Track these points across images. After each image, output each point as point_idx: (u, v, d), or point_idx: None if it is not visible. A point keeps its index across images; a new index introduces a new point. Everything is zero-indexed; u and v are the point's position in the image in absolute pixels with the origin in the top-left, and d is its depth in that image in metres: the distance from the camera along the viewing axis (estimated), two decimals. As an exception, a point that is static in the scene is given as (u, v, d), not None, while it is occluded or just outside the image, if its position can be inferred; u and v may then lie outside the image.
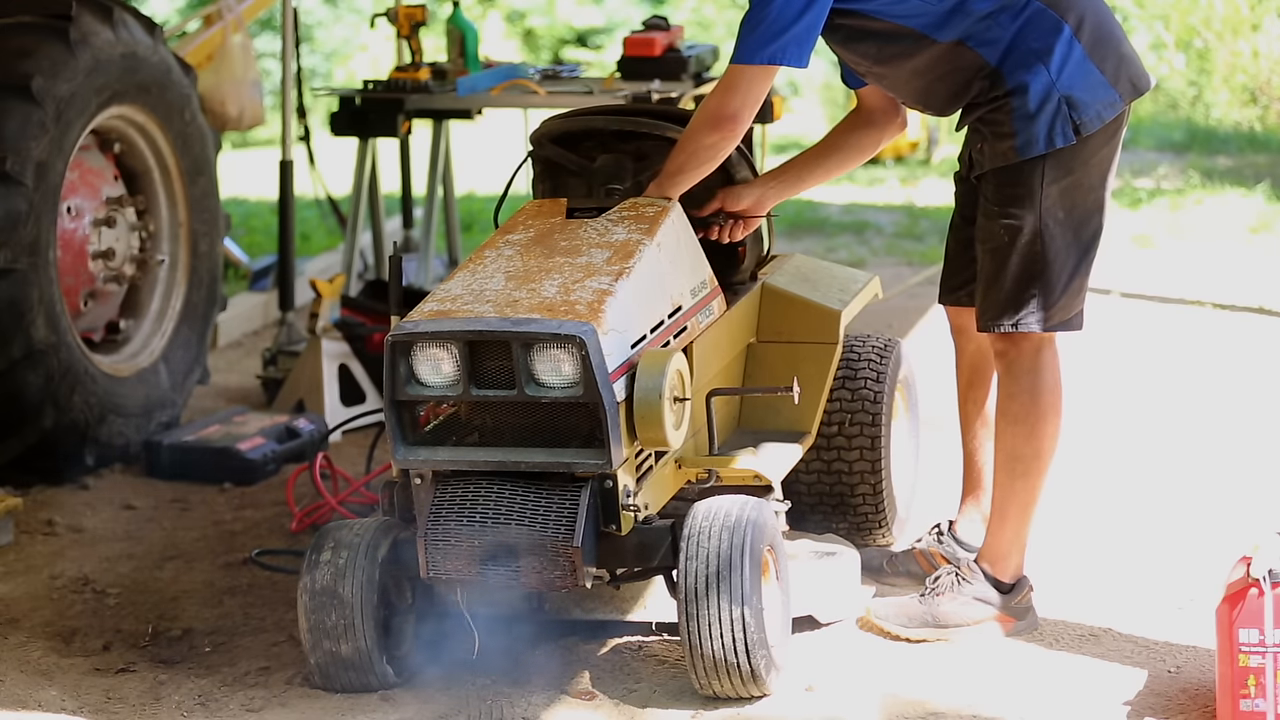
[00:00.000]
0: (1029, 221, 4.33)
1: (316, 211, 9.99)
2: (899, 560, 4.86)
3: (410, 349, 4.05)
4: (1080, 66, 4.31)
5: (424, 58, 7.51)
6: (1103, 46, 4.35)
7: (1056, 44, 4.30)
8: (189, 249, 6.54)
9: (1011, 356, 4.43)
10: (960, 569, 4.51)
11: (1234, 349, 7.53)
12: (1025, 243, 4.34)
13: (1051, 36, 4.31)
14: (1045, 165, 4.31)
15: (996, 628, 4.49)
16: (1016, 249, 4.35)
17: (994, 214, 4.38)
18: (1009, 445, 4.45)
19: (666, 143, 4.61)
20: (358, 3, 19.64)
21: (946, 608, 4.46)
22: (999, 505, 4.50)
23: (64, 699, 4.30)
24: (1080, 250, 4.39)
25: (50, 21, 5.84)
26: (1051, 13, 4.32)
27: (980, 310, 4.45)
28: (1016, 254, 4.35)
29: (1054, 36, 4.31)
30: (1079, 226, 4.38)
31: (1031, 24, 4.31)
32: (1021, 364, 4.42)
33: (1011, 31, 4.31)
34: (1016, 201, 4.34)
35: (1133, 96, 4.38)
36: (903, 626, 4.47)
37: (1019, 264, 4.35)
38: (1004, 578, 4.49)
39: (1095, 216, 4.41)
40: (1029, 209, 4.33)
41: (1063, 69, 4.29)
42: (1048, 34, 4.31)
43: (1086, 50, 4.32)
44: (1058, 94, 4.28)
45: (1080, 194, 4.36)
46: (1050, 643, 4.48)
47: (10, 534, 5.44)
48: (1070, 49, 4.31)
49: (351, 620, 4.16)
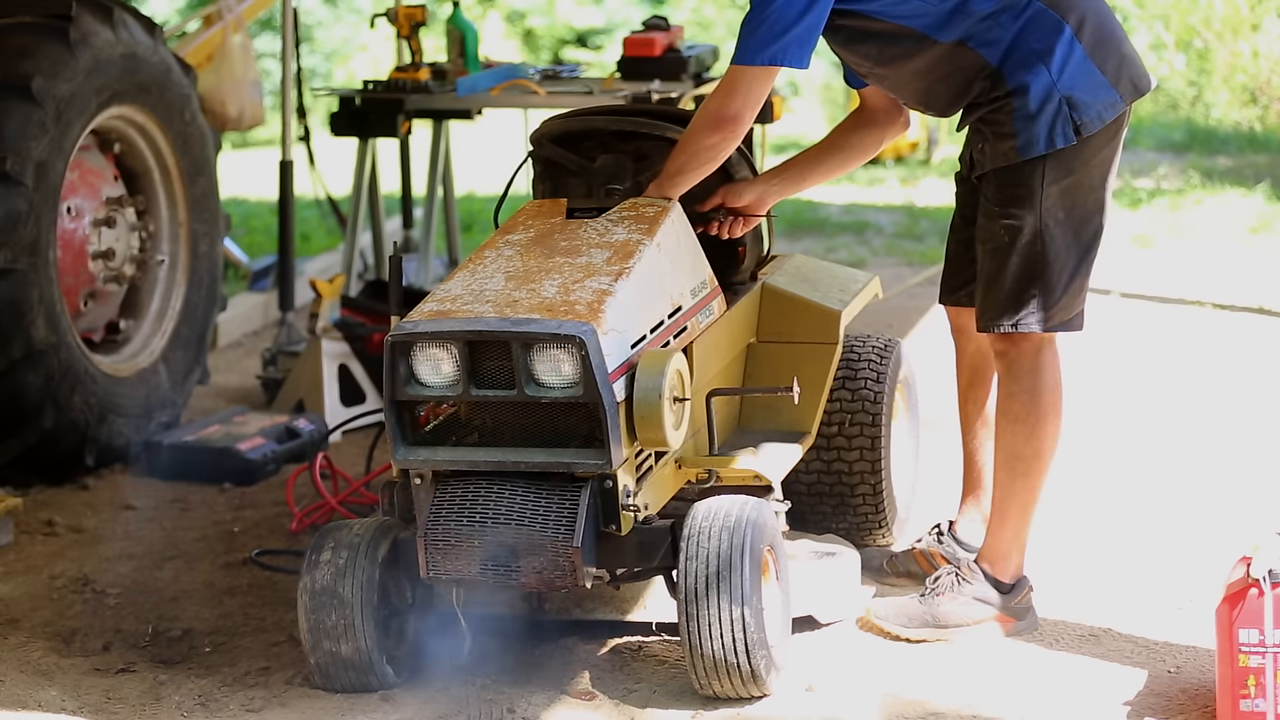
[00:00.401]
0: (1029, 221, 4.33)
1: (316, 211, 9.98)
2: (899, 560, 4.86)
3: (410, 349, 4.04)
4: (1081, 67, 4.31)
5: (424, 58, 7.51)
6: (1104, 47, 4.35)
7: (1058, 44, 4.30)
8: (189, 249, 6.54)
9: (1011, 356, 4.43)
10: (960, 569, 4.51)
11: (1234, 349, 7.53)
12: (1025, 243, 4.34)
13: (1053, 37, 4.30)
14: (1046, 165, 4.31)
15: (996, 628, 4.49)
16: (1017, 249, 4.35)
17: (994, 214, 4.38)
18: (1009, 445, 4.45)
19: (666, 143, 4.60)
20: (358, 3, 19.63)
21: (946, 608, 4.46)
22: (999, 505, 4.50)
23: (64, 699, 4.30)
24: (1080, 250, 4.39)
25: (50, 21, 5.84)
26: (1052, 13, 4.31)
27: (980, 310, 4.45)
28: (1017, 254, 4.35)
29: (1055, 37, 4.30)
30: (1079, 227, 4.38)
31: (1033, 24, 4.31)
32: (1022, 364, 4.42)
33: (1012, 32, 4.31)
34: (1017, 201, 4.33)
35: (1134, 97, 4.38)
36: (903, 626, 4.47)
37: (1019, 264, 4.35)
38: (1004, 578, 4.49)
39: (1096, 217, 4.41)
40: (1029, 209, 4.33)
41: (1064, 69, 4.29)
42: (1049, 34, 4.30)
43: (1088, 50, 4.32)
44: (1059, 94, 4.28)
45: (1081, 194, 4.36)
46: (1050, 643, 4.48)
47: (10, 534, 5.44)
48: (1071, 49, 4.30)
49: (351, 620, 4.16)
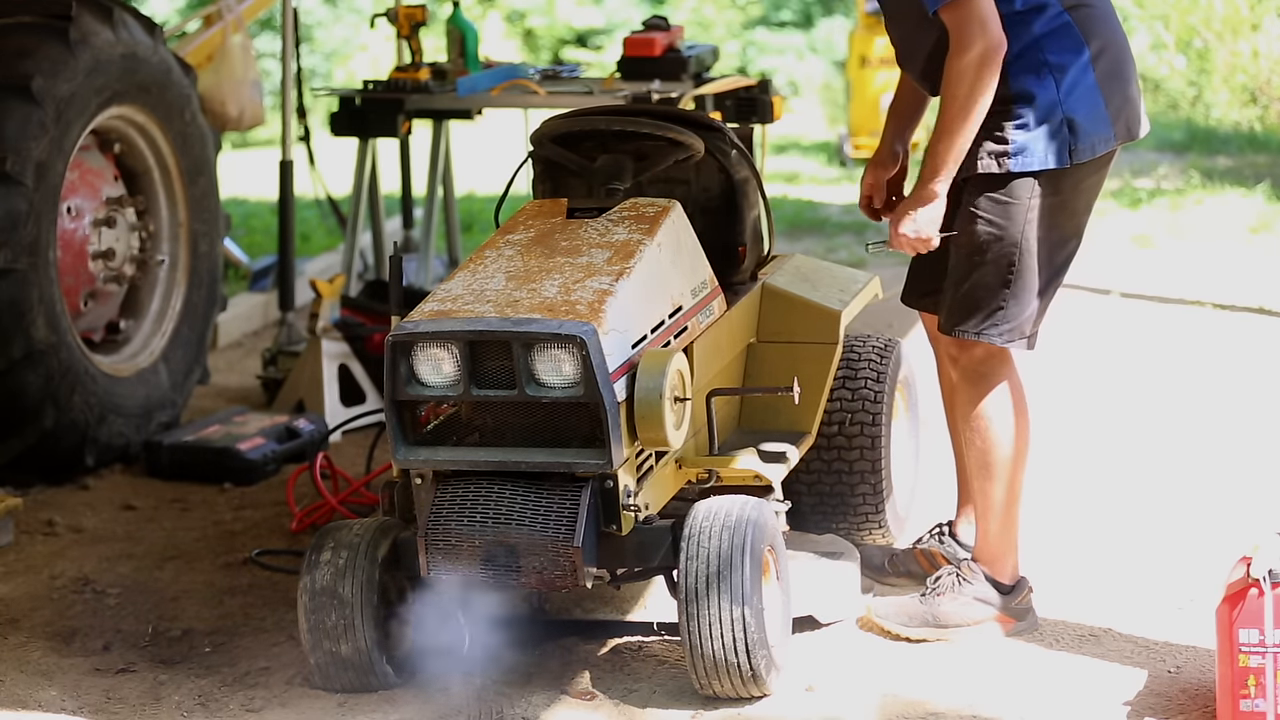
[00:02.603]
0: (1010, 233, 4.30)
1: (316, 211, 9.99)
2: (900, 560, 4.86)
3: (411, 349, 4.04)
4: (1089, 94, 4.28)
5: (424, 58, 7.51)
6: (1114, 81, 4.32)
7: (1073, 64, 4.27)
8: (189, 249, 6.54)
9: (965, 362, 4.43)
10: (961, 569, 4.51)
11: (1234, 349, 7.53)
12: (1001, 253, 4.32)
13: (1070, 55, 4.27)
14: (1037, 181, 4.29)
15: (996, 628, 4.49)
16: (991, 257, 4.32)
17: (975, 218, 4.35)
18: (977, 450, 4.45)
19: (666, 143, 4.61)
20: (358, 3, 19.65)
21: (947, 607, 4.46)
22: (979, 509, 4.51)
23: (64, 699, 4.30)
24: (1051, 272, 4.38)
25: (50, 21, 5.84)
26: (1078, 32, 4.28)
27: (945, 311, 4.43)
28: (990, 262, 4.33)
29: (1073, 56, 4.27)
30: (1054, 249, 4.36)
31: (1055, 36, 4.28)
32: (977, 370, 4.41)
33: (1033, 35, 4.27)
34: (1001, 211, 4.31)
35: (1125, 139, 4.36)
36: (903, 626, 4.47)
37: (991, 273, 4.33)
38: (1003, 578, 4.49)
39: (1072, 242, 4.40)
40: (1012, 221, 4.30)
41: (1072, 91, 4.26)
42: (1067, 51, 4.27)
43: (1099, 80, 4.29)
44: (1061, 114, 4.26)
45: (1064, 216, 4.35)
46: (1050, 643, 4.48)
47: (10, 534, 5.44)
48: (1084, 74, 4.28)
49: (351, 620, 4.16)
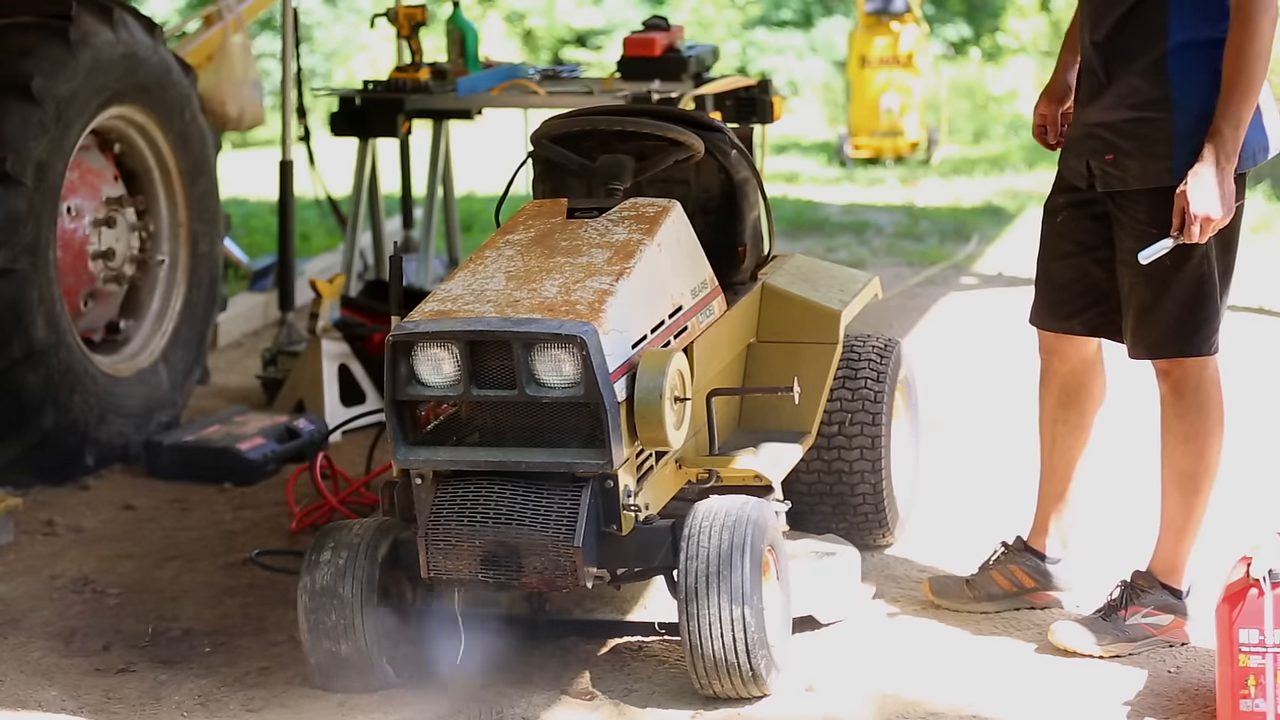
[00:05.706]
0: (1198, 245, 4.24)
1: (316, 211, 9.98)
2: (977, 584, 4.74)
3: (411, 349, 4.04)
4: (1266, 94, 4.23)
5: (424, 58, 7.51)
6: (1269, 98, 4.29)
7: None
8: (189, 249, 6.54)
9: (1177, 377, 4.39)
10: (1134, 582, 4.48)
11: (1234, 349, 7.50)
12: (1193, 265, 4.27)
13: None
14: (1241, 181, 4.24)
15: (1181, 633, 4.46)
16: (1184, 272, 4.27)
17: (1151, 236, 4.24)
18: (1179, 464, 4.42)
19: (667, 143, 4.61)
20: (358, 3, 19.63)
21: (1132, 620, 4.44)
22: (1171, 521, 4.46)
23: (64, 699, 4.30)
24: (1228, 273, 4.35)
25: (50, 21, 5.84)
26: None
27: (1136, 337, 4.38)
28: (1183, 278, 4.28)
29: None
30: (1227, 250, 4.32)
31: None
32: (1189, 384, 4.38)
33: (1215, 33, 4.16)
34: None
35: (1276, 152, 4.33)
36: (1095, 645, 4.42)
37: (1186, 288, 4.28)
38: (1179, 585, 4.47)
39: (1236, 242, 4.36)
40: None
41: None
42: None
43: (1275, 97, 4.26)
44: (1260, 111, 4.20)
45: (1236, 218, 4.29)
46: (1050, 643, 4.48)
47: (10, 534, 5.44)
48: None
49: (351, 620, 4.16)
